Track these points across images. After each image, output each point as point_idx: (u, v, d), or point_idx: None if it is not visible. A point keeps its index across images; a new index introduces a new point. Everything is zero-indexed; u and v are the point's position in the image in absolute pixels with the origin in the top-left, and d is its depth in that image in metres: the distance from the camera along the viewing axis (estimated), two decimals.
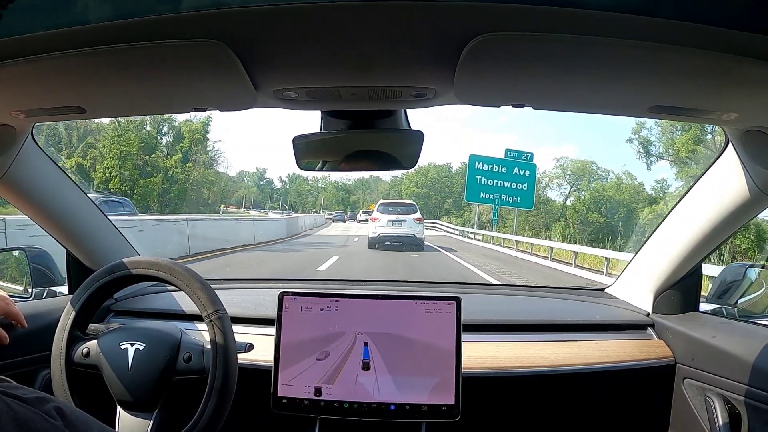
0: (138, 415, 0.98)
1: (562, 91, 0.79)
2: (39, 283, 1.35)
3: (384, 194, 56.07)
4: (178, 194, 30.43)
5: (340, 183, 66.17)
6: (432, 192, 50.69)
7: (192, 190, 32.05)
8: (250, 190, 62.44)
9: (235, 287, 1.56)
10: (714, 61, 0.63)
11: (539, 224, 30.31)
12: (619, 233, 25.71)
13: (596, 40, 0.61)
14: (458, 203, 47.90)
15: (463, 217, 42.87)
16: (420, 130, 0.96)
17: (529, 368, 1.18)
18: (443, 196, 50.14)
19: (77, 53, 0.65)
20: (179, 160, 30.97)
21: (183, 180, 30.72)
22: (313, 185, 66.61)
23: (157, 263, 1.03)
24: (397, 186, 56.80)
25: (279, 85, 0.79)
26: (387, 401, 1.07)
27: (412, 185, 51.41)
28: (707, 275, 1.39)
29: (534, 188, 22.30)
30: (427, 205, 47.94)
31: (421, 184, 50.98)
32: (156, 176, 28.52)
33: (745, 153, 0.96)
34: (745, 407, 1.04)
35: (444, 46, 0.65)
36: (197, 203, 32.16)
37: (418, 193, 49.19)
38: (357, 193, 65.12)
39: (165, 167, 29.92)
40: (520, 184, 21.21)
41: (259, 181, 66.16)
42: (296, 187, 65.57)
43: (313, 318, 1.11)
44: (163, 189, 29.34)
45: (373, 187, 63.88)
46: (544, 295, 1.57)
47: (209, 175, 33.92)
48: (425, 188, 50.99)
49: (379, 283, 1.89)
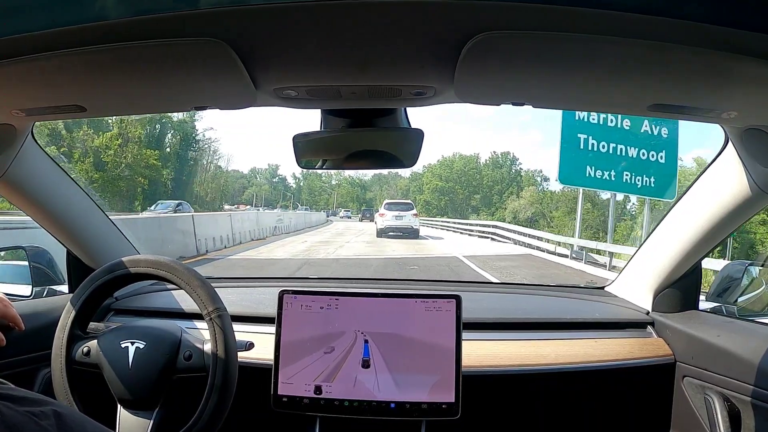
0: (138, 414, 0.98)
1: (562, 89, 0.79)
2: (39, 282, 1.35)
3: (403, 190, 51.87)
4: (105, 184, 23.69)
5: (355, 179, 61.85)
6: (458, 186, 45.70)
7: (128, 179, 25.25)
8: (263, 188, 59.28)
9: (235, 286, 1.56)
10: (713, 59, 0.63)
11: (595, 225, 24.77)
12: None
13: (596, 38, 0.61)
14: (488, 199, 44.47)
15: (496, 215, 38.41)
16: (420, 128, 0.97)
17: (529, 366, 1.19)
18: (471, 191, 45.33)
19: (78, 52, 0.65)
20: (114, 138, 24.42)
21: (114, 165, 24.08)
22: (327, 181, 62.58)
23: (157, 262, 1.03)
24: (417, 181, 51.65)
25: (279, 84, 0.79)
26: (387, 399, 1.07)
27: (435, 179, 46.76)
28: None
29: (677, 159, 11.75)
30: (453, 202, 43.82)
31: (445, 177, 46.21)
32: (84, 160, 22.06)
33: (745, 151, 0.97)
34: (744, 406, 1.04)
35: (444, 45, 0.65)
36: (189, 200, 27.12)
37: (442, 188, 45.57)
38: (373, 189, 61.30)
39: (95, 148, 23.58)
40: (654, 153, 11.38)
41: (272, 178, 62.27)
42: (308, 184, 61.66)
43: (313, 316, 1.11)
44: (91, 178, 23.37)
45: (392, 183, 57.99)
46: (544, 294, 1.57)
47: (150, 157, 27.69)
48: (450, 182, 45.99)
49: (379, 281, 1.89)
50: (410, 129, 0.99)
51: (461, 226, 24.45)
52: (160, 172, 30.10)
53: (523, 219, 30.14)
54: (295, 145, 1.01)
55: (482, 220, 28.13)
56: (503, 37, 0.61)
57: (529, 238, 16.00)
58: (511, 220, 29.42)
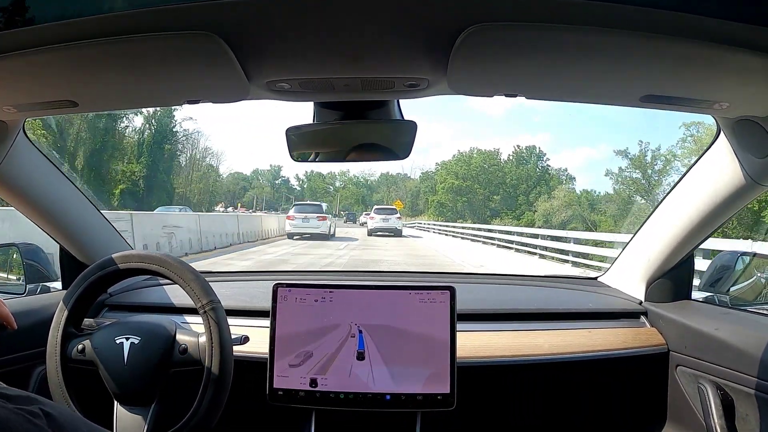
0: (135, 410, 0.99)
1: (555, 80, 0.80)
2: (32, 279, 1.34)
3: (413, 191, 47.05)
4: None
5: (360, 179, 57.01)
6: (477, 185, 38.82)
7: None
8: (264, 190, 55.77)
9: (228, 280, 1.56)
10: (706, 50, 0.63)
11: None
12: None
13: (589, 30, 0.61)
14: (511, 200, 37.74)
15: (523, 219, 32.72)
16: (413, 120, 0.97)
17: (523, 357, 1.19)
18: (491, 191, 38.68)
19: (68, 47, 0.65)
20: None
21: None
22: (330, 182, 57.89)
23: (149, 256, 1.03)
24: (428, 180, 45.65)
25: (272, 77, 0.79)
26: (382, 391, 1.08)
27: (450, 176, 39.73)
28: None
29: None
30: (472, 204, 38.14)
31: (462, 175, 39.46)
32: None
33: (737, 142, 0.97)
34: (737, 394, 1.06)
35: (437, 37, 0.66)
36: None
37: (459, 187, 38.68)
38: (380, 190, 55.16)
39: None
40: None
41: (274, 179, 58.03)
42: (311, 185, 57.17)
43: (307, 309, 1.11)
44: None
45: (400, 184, 52.54)
46: (538, 284, 1.58)
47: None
48: (468, 180, 38.99)
49: (373, 273, 1.90)
50: (403, 121, 0.99)
51: (493, 234, 18.20)
52: (129, 167, 27.55)
53: (556, 223, 26.09)
54: (288, 138, 1.01)
55: (511, 226, 23.00)
56: (497, 28, 0.62)
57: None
58: (541, 224, 26.03)
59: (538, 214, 31.59)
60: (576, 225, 23.48)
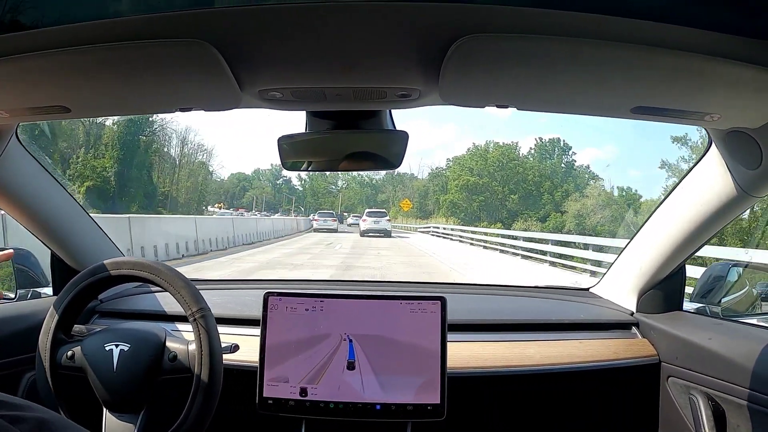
0: (124, 417, 0.98)
1: (546, 92, 0.80)
2: (23, 284, 1.33)
3: (421, 191, 42.13)
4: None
5: (365, 179, 51.88)
6: (495, 182, 33.44)
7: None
8: (264, 190, 53.12)
9: (219, 288, 1.55)
10: (697, 62, 0.64)
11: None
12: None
13: (580, 41, 0.62)
14: (534, 200, 32.04)
15: (550, 223, 27.71)
16: (404, 130, 0.97)
17: (514, 368, 1.19)
18: (511, 188, 33.20)
19: (62, 52, 0.65)
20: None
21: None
22: (332, 182, 53.45)
23: (140, 263, 1.02)
24: (438, 178, 39.54)
25: (264, 86, 0.79)
26: (372, 401, 1.07)
27: (465, 173, 34.55)
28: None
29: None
30: (488, 204, 33.10)
31: (478, 171, 34.24)
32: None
33: (728, 153, 0.98)
34: (728, 405, 1.05)
35: (429, 47, 0.66)
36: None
37: (475, 184, 33.55)
38: (386, 189, 49.82)
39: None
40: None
41: (275, 180, 54.61)
42: (312, 185, 53.09)
43: (298, 318, 1.11)
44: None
45: (407, 183, 46.00)
46: (529, 295, 1.57)
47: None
48: (485, 176, 33.79)
49: (364, 283, 1.89)
50: (395, 131, 1.00)
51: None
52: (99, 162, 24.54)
53: (589, 226, 22.92)
54: (280, 147, 1.01)
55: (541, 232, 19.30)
56: (488, 39, 0.62)
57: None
58: (573, 228, 22.58)
59: (569, 216, 26.92)
60: (616, 229, 19.63)
